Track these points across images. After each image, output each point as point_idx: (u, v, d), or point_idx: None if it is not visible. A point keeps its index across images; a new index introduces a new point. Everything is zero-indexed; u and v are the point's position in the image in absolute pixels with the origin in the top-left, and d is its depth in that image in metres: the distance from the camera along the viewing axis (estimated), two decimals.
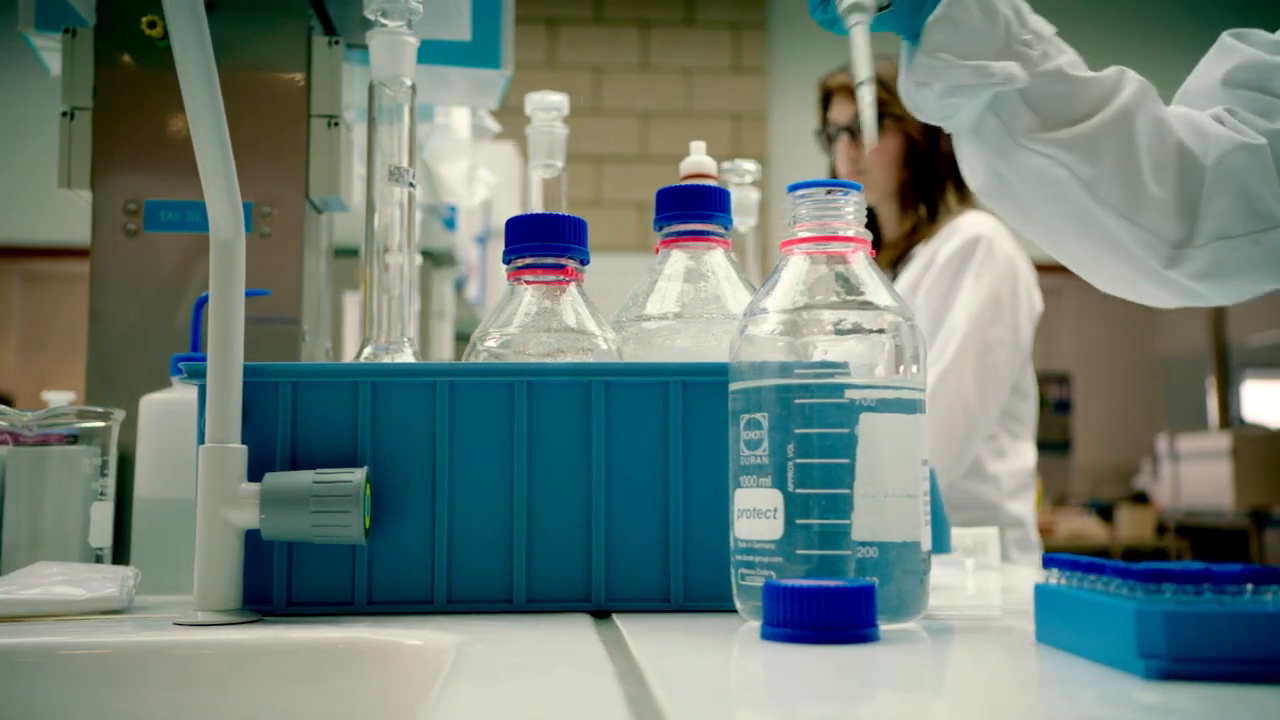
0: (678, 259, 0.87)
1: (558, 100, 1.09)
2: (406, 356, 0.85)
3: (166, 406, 0.87)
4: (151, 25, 0.97)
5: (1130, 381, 7.40)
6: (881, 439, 0.65)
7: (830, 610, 0.58)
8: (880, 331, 0.66)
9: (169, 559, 0.84)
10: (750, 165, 1.28)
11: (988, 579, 1.02)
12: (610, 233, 4.81)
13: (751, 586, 0.65)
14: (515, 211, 2.83)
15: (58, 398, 1.48)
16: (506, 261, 0.81)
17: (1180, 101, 1.04)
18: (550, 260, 0.79)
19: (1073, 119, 0.94)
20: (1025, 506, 1.82)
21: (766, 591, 0.59)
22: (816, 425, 0.64)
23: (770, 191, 4.96)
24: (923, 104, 0.97)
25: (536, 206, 1.13)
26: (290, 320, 1.01)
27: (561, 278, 0.80)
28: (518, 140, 3.46)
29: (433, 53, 1.23)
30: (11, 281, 6.53)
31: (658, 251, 0.88)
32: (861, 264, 0.69)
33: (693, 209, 0.86)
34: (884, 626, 0.64)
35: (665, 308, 0.85)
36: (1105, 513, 6.23)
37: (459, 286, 2.38)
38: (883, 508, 0.64)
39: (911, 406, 0.66)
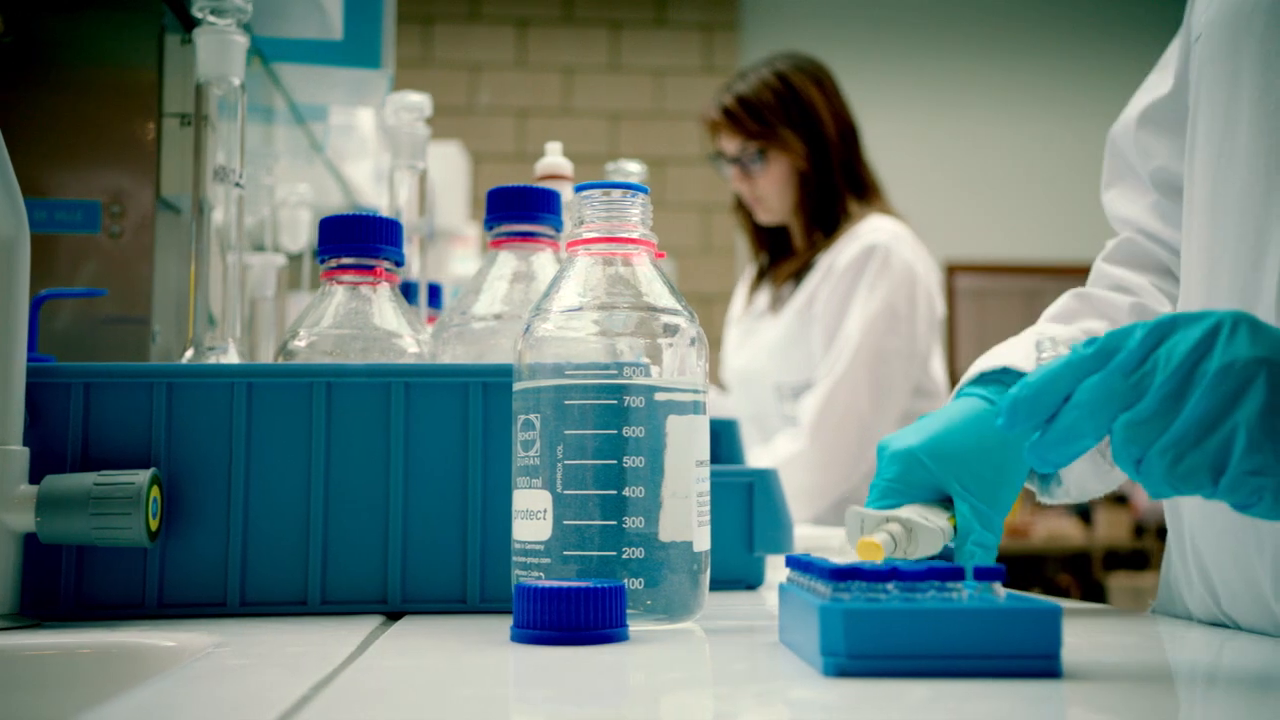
0: (505, 260, 0.87)
1: (419, 100, 1.09)
2: (232, 357, 0.85)
3: None
4: None
5: None
6: (652, 440, 0.64)
7: (571, 611, 0.58)
8: (661, 333, 0.66)
9: None
10: (634, 166, 1.27)
11: None
12: None
13: None
14: (460, 211, 2.83)
15: None
16: (320, 261, 0.81)
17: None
18: (361, 261, 0.79)
19: None
20: None
21: (515, 592, 0.59)
22: (584, 426, 0.64)
23: None
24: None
25: (404, 206, 1.13)
26: (140, 320, 1.00)
27: (371, 278, 0.79)
28: (464, 139, 3.46)
29: (310, 52, 1.23)
30: None
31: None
32: (646, 266, 0.69)
33: (521, 210, 0.86)
34: (658, 627, 0.64)
35: (491, 308, 0.85)
36: (1085, 514, 6.23)
37: None
38: (652, 508, 0.64)
39: (686, 407, 0.66)
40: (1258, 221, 0.63)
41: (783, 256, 1.89)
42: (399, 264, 0.81)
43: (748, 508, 0.92)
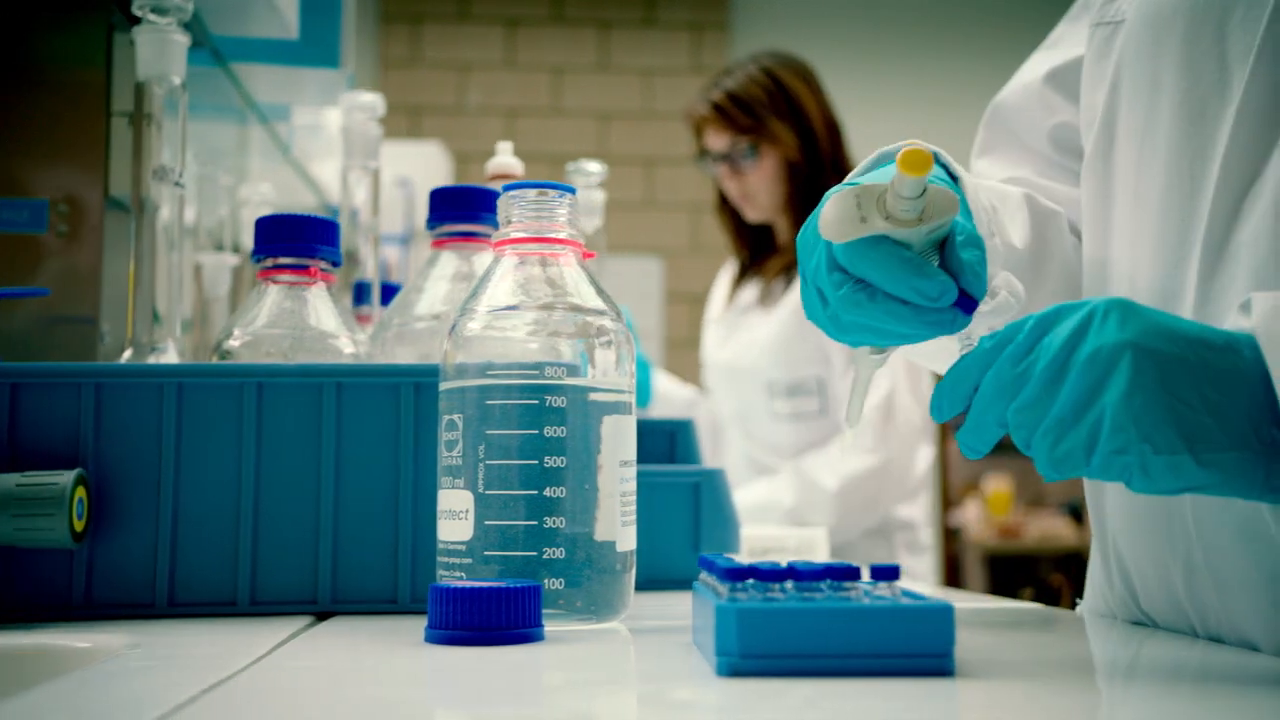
0: (447, 260, 0.87)
1: (371, 100, 1.08)
2: (171, 357, 0.84)
3: None
4: None
5: None
6: (573, 440, 0.64)
7: (483, 611, 0.57)
8: (585, 333, 0.66)
9: None
10: (595, 166, 1.27)
11: None
12: None
13: None
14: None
15: None
16: (255, 260, 0.80)
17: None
18: (297, 260, 0.79)
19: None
20: (916, 509, 1.81)
21: (429, 593, 0.59)
22: (506, 426, 0.64)
23: None
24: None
25: (359, 206, 1.12)
26: (87, 320, 1.00)
27: (307, 278, 0.79)
28: (453, 139, 3.44)
29: (268, 52, 1.23)
30: None
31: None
32: (572, 266, 0.69)
33: (462, 210, 0.86)
34: (582, 627, 0.64)
35: (432, 308, 0.85)
36: (1077, 514, 6.23)
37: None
38: (574, 509, 0.64)
39: (610, 407, 0.65)
40: (1180, 222, 0.63)
41: (765, 255, 1.88)
42: (336, 264, 0.81)
43: (694, 507, 0.92)
